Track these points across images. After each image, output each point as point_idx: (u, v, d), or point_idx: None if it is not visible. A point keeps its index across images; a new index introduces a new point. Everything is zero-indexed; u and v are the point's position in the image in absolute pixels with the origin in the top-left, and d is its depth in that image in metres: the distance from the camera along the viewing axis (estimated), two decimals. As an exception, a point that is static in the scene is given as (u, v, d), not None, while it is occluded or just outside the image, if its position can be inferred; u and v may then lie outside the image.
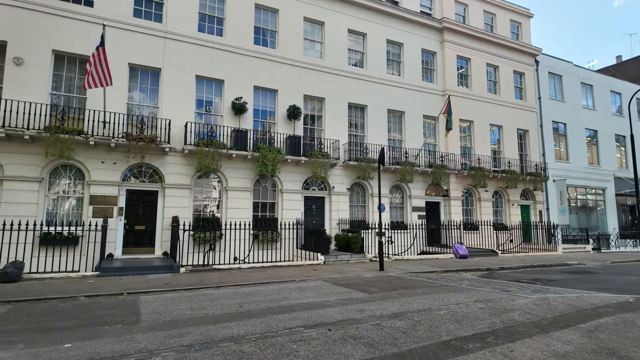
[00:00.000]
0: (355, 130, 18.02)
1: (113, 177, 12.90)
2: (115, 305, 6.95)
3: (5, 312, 6.41)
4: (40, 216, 11.92)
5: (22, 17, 12.19)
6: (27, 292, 8.08)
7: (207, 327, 5.43)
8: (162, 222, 13.64)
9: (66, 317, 6.07)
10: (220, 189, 14.85)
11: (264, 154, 14.46)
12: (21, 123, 11.55)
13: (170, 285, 8.99)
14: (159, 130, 13.42)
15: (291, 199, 15.82)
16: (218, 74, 14.98)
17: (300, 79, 16.58)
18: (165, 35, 14.15)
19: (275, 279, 10.06)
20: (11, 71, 11.99)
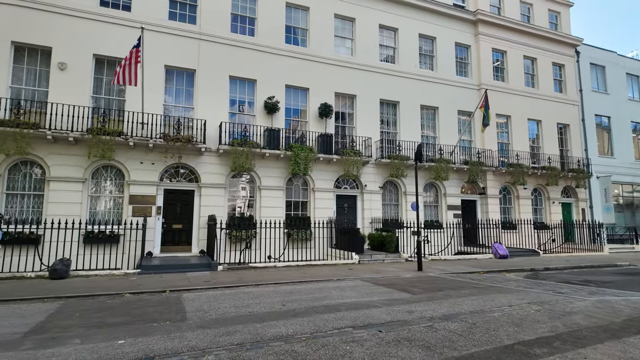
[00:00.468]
0: (387, 127, 17.70)
1: (151, 177, 13.20)
2: (161, 303, 7.02)
3: (59, 308, 6.60)
4: (83, 215, 12.35)
5: (65, 23, 12.66)
6: (76, 288, 8.33)
7: (254, 325, 5.37)
8: (198, 220, 13.84)
9: (116, 314, 6.18)
10: (253, 188, 14.92)
11: (297, 153, 14.41)
12: (66, 125, 12.00)
13: (210, 283, 9.06)
14: (195, 131, 13.63)
15: (323, 198, 15.71)
16: (251, 74, 15.06)
17: (331, 77, 16.43)
18: (199, 37, 14.35)
19: (312, 277, 9.96)
20: (56, 76, 12.47)
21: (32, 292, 7.86)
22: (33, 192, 12.07)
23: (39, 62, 12.52)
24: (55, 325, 5.46)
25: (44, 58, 12.55)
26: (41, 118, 12.01)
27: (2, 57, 11.90)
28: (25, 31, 12.21)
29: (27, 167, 12.08)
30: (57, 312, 6.27)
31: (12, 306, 6.76)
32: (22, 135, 11.09)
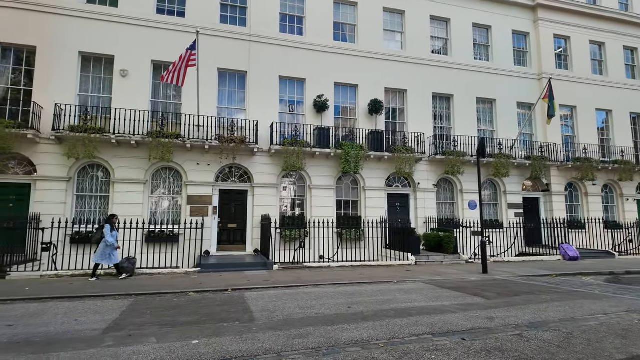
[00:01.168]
0: (441, 122, 16.93)
1: (207, 177, 13.49)
2: (226, 302, 7.02)
3: (130, 305, 6.79)
4: (145, 216, 12.84)
5: (126, 32, 13.25)
6: (143, 286, 8.59)
7: (325, 328, 5.15)
8: (252, 220, 13.97)
9: (185, 312, 6.22)
10: (303, 188, 14.83)
11: (347, 151, 14.13)
12: (128, 129, 12.54)
13: (269, 283, 9.01)
14: (247, 132, 13.76)
15: (374, 197, 15.30)
16: (300, 73, 14.99)
17: (380, 72, 15.98)
18: (249, 39, 14.49)
19: (369, 279, 9.63)
20: (118, 82, 13.09)
21: (104, 289, 8.19)
22: (100, 194, 12.73)
23: (103, 70, 13.20)
24: (130, 323, 5.56)
25: (107, 66, 13.22)
26: (106, 123, 12.65)
27: (71, 67, 12.67)
28: (91, 41, 12.91)
29: (94, 170, 12.77)
30: (130, 310, 6.43)
31: (87, 302, 7.05)
32: (90, 140, 11.72)
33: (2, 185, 11.98)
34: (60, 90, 12.41)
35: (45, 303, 6.96)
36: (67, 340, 4.77)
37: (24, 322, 5.65)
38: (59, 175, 12.08)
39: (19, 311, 6.31)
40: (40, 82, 12.33)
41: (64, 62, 12.57)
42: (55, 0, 12.69)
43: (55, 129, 11.75)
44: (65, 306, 6.68)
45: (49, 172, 12.01)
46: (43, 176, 11.96)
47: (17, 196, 12.03)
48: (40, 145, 12.02)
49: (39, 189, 11.93)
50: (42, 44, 12.44)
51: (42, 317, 5.90)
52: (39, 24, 12.46)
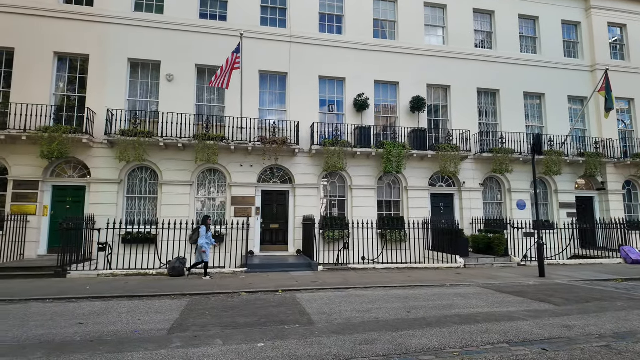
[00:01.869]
0: (486, 119, 16.27)
1: (250, 179, 13.62)
2: (280, 303, 6.98)
3: (188, 305, 6.88)
4: (192, 216, 13.12)
5: (171, 37, 13.61)
6: (195, 286, 8.73)
7: (390, 334, 4.96)
8: (293, 221, 13.97)
9: (243, 314, 6.22)
10: (344, 188, 14.66)
11: (389, 150, 13.84)
12: (174, 133, 12.87)
13: (317, 284, 8.91)
14: (288, 133, 13.78)
15: (416, 197, 14.90)
16: (339, 73, 14.85)
17: (422, 68, 15.56)
18: (290, 40, 14.51)
19: (420, 282, 9.33)
20: (164, 87, 13.47)
21: (159, 288, 8.38)
22: (148, 195, 13.14)
23: (150, 76, 13.62)
24: (193, 324, 5.61)
25: (154, 71, 13.63)
26: (153, 127, 13.04)
27: (121, 73, 13.16)
28: (139, 48, 13.36)
29: (143, 173, 13.20)
30: (188, 310, 6.50)
31: (146, 302, 7.22)
32: (140, 144, 12.11)
33: (59, 188, 12.61)
34: (111, 96, 12.91)
35: (107, 302, 7.19)
36: (136, 340, 4.85)
37: (93, 320, 5.83)
38: (111, 177, 12.58)
39: (85, 309, 6.54)
40: (93, 89, 12.89)
41: (114, 69, 13.08)
42: (106, 10, 13.22)
43: (108, 133, 12.23)
44: (126, 305, 6.87)
45: (101, 175, 12.53)
46: (97, 179, 12.49)
47: (73, 198, 12.63)
48: (94, 149, 12.55)
49: (93, 191, 12.47)
50: (95, 52, 13.00)
51: (108, 316, 6.07)
52: (92, 33, 13.02)
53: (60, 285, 8.66)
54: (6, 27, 12.46)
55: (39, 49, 12.60)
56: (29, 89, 12.37)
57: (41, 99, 12.39)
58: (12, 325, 5.49)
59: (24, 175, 12.07)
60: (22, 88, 12.36)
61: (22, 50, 12.52)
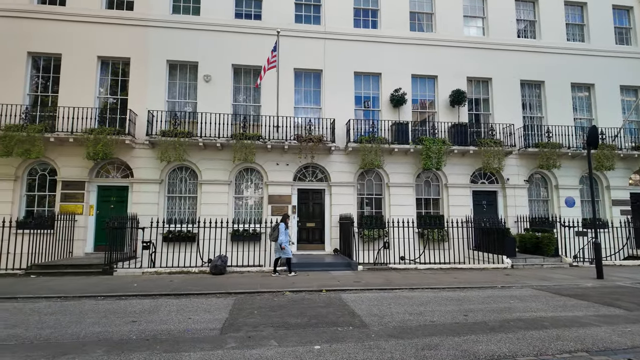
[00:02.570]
0: (530, 112, 15.47)
1: (286, 177, 13.56)
2: (327, 304, 6.80)
3: (235, 304, 6.83)
4: (230, 215, 13.20)
5: (208, 38, 13.75)
6: (239, 284, 8.71)
7: (452, 339, 4.67)
8: (329, 219, 13.80)
9: (292, 313, 6.09)
10: (381, 186, 14.34)
11: (428, 146, 13.39)
12: (213, 132, 12.99)
13: (360, 284, 8.68)
14: (323, 130, 13.62)
15: (457, 194, 14.36)
16: (375, 68, 14.53)
17: (461, 61, 14.98)
18: (324, 36, 14.33)
19: (467, 283, 8.91)
20: (202, 88, 13.62)
21: (204, 286, 8.41)
22: (188, 195, 13.33)
23: (188, 77, 13.82)
24: (244, 323, 5.52)
25: (192, 72, 13.81)
26: (192, 127, 13.22)
27: (160, 75, 13.42)
28: (177, 50, 13.58)
29: (183, 172, 13.40)
30: (236, 309, 6.44)
31: (193, 300, 7.24)
32: (180, 144, 12.29)
33: (104, 188, 13.01)
34: (151, 98, 13.19)
35: (155, 299, 7.26)
36: (190, 339, 4.80)
37: (145, 318, 5.86)
38: (153, 177, 12.85)
39: (136, 307, 6.61)
40: (134, 91, 13.21)
41: (154, 71, 13.35)
42: (145, 14, 13.51)
43: (149, 134, 12.49)
44: (174, 303, 6.90)
45: (143, 175, 12.81)
46: (139, 179, 12.79)
47: (117, 198, 13.00)
48: (136, 149, 12.86)
49: (135, 190, 12.78)
50: (135, 55, 13.32)
51: (159, 314, 6.10)
52: (132, 37, 13.35)
53: (108, 283, 8.88)
54: (54, 34, 12.97)
55: (83, 54, 13.05)
56: (75, 93, 12.83)
57: (86, 102, 12.82)
58: (70, 322, 5.60)
59: (72, 176, 12.53)
60: (69, 92, 12.84)
61: (68, 56, 13.00)
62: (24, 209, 12.58)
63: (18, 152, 11.64)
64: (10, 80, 12.64)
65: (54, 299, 7.31)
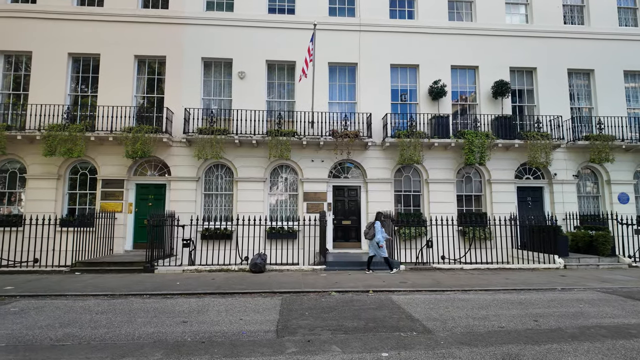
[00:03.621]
0: (578, 103, 14.55)
1: (322, 174, 13.28)
2: (379, 305, 6.46)
3: (283, 304, 6.59)
4: (265, 212, 13.05)
5: (242, 34, 13.62)
6: (281, 283, 8.49)
7: (532, 347, 4.25)
8: (366, 217, 13.43)
9: (345, 316, 5.79)
10: (419, 182, 13.84)
11: (470, 140, 12.79)
12: (248, 129, 12.86)
13: (407, 285, 8.30)
14: (359, 125, 13.25)
15: (501, 191, 13.67)
16: (412, 59, 14.02)
17: (503, 50, 14.24)
18: (359, 29, 13.93)
19: (523, 284, 8.36)
20: (236, 85, 13.51)
21: (247, 285, 8.24)
22: (224, 192, 13.27)
23: (222, 74, 13.74)
24: (298, 326, 5.27)
25: (227, 69, 13.73)
26: (227, 124, 13.14)
27: (195, 73, 13.39)
28: (211, 47, 13.52)
29: (219, 170, 13.35)
30: (286, 309, 6.20)
31: (239, 299, 7.06)
32: (217, 141, 12.22)
33: (142, 186, 13.13)
34: (187, 96, 13.19)
35: (201, 298, 7.13)
36: (247, 342, 4.58)
37: (195, 318, 5.71)
38: (189, 175, 12.85)
39: (183, 306, 6.48)
40: (170, 89, 13.24)
41: (189, 68, 13.34)
42: (180, 12, 13.52)
43: (186, 132, 12.48)
44: (221, 303, 6.74)
45: (180, 173, 12.84)
46: (176, 177, 12.82)
47: (154, 195, 13.08)
48: (173, 147, 12.90)
49: (173, 188, 12.82)
50: (171, 54, 13.35)
51: (208, 314, 5.93)
52: (167, 35, 13.38)
53: (151, 281, 8.85)
54: (93, 35, 13.16)
55: (121, 54, 13.18)
56: (113, 92, 12.98)
57: (124, 100, 12.95)
58: (122, 321, 5.51)
59: (111, 175, 12.70)
60: (107, 91, 13.00)
61: (107, 56, 13.17)
62: (66, 207, 12.85)
63: (61, 151, 11.87)
64: (53, 81, 12.92)
65: (102, 296, 7.30)
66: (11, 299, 7.09)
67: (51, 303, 6.70)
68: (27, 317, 5.76)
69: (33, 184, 12.53)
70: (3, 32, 13.03)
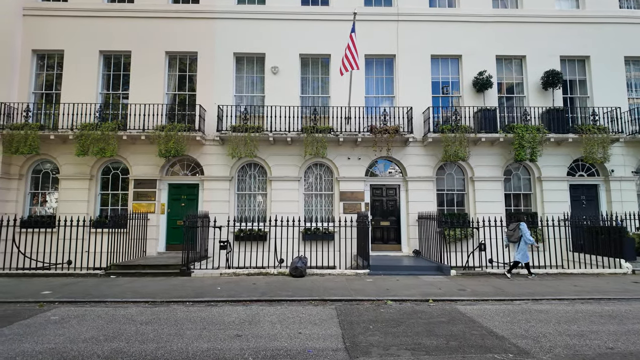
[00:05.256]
0: (636, 93, 13.41)
1: (358, 172, 12.63)
2: (450, 318, 5.76)
3: (339, 315, 5.97)
4: (300, 213, 12.48)
5: (275, 28, 13.08)
6: (327, 289, 7.87)
7: (671, 379, 3.48)
8: (406, 217, 12.70)
9: (417, 331, 5.12)
10: (463, 180, 13.00)
11: (521, 134, 11.89)
12: (282, 127, 12.32)
13: (468, 293, 7.55)
14: (397, 120, 12.53)
15: (553, 189, 12.70)
16: (454, 50, 13.19)
17: (553, 38, 13.24)
18: (397, 18, 13.19)
19: (596, 292, 7.53)
20: (269, 80, 12.98)
21: (292, 291, 7.66)
22: (258, 192, 12.77)
23: (255, 70, 13.25)
24: (369, 343, 4.63)
25: (259, 64, 13.22)
26: (260, 121, 12.63)
27: (227, 68, 12.93)
28: (243, 42, 13.03)
29: (252, 169, 12.86)
30: (345, 322, 5.58)
31: (289, 308, 6.48)
32: (251, 139, 11.72)
33: (174, 186, 12.76)
34: (219, 92, 12.75)
35: (248, 307, 6.59)
36: (319, 364, 3.98)
37: (248, 330, 5.15)
38: (223, 174, 12.40)
39: (231, 316, 5.95)
40: (202, 86, 12.82)
41: (221, 64, 12.90)
42: (211, 6, 13.09)
43: (219, 130, 12.03)
44: (270, 312, 6.18)
45: (214, 172, 12.41)
46: (209, 176, 12.39)
47: (187, 196, 12.69)
48: (205, 146, 12.48)
49: (206, 188, 12.40)
50: (202, 49, 12.93)
51: (262, 326, 5.37)
52: (199, 30, 12.97)
53: (190, 285, 8.38)
54: (124, 32, 12.87)
55: (152, 50, 12.85)
56: (144, 90, 12.65)
57: (155, 98, 12.60)
58: (170, 334, 5.00)
59: (143, 174, 12.38)
60: (138, 89, 12.69)
61: (137, 53, 12.86)
62: (99, 208, 12.60)
63: (93, 151, 11.60)
64: (84, 79, 12.69)
65: (143, 303, 6.85)
66: (50, 305, 6.72)
67: (92, 311, 6.28)
68: (69, 327, 5.32)
69: (66, 185, 12.32)
70: (34, 32, 12.87)
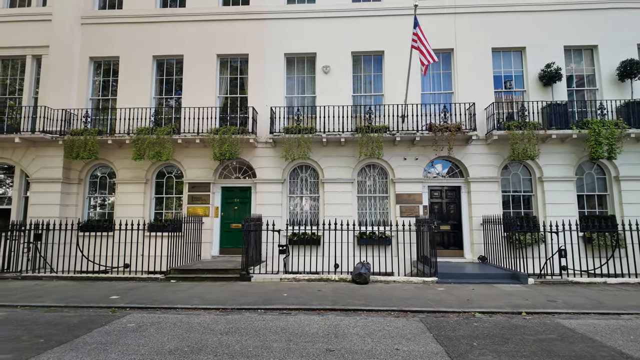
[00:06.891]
0: None
1: (415, 173, 12.00)
2: (561, 335, 5.08)
3: (431, 330, 5.43)
4: (354, 216, 12.02)
5: (325, 26, 12.73)
6: (401, 299, 7.34)
7: None
8: (468, 221, 11.93)
9: (534, 351, 4.48)
10: (530, 180, 12.08)
11: (597, 130, 10.87)
12: (334, 127, 11.94)
13: (560, 305, 6.79)
14: (458, 117, 11.81)
15: (633, 189, 11.55)
16: (517, 42, 12.33)
17: (628, 24, 12.08)
18: (454, 11, 12.51)
19: None
20: (320, 80, 12.62)
21: (365, 300, 7.19)
22: (309, 195, 12.42)
23: (305, 70, 12.95)
24: (484, 364, 4.08)
25: (309, 64, 12.91)
26: (312, 122, 12.29)
27: (278, 69, 12.70)
28: (293, 42, 12.76)
29: (303, 171, 12.53)
30: (442, 337, 5.03)
31: (370, 319, 6.02)
32: (304, 140, 11.38)
33: (227, 190, 12.63)
34: (270, 94, 12.54)
35: (323, 316, 6.18)
36: (440, 389, 3.47)
37: (337, 344, 4.72)
38: (275, 177, 12.15)
39: (312, 326, 5.55)
40: (253, 88, 12.65)
41: (271, 65, 12.69)
42: (261, 6, 12.93)
43: (272, 132, 11.78)
44: (351, 323, 5.73)
45: (266, 175, 12.18)
46: (262, 179, 12.17)
47: (240, 199, 12.53)
48: (258, 149, 12.28)
49: (259, 191, 12.18)
50: (253, 51, 12.78)
51: (350, 340, 4.93)
52: (249, 32, 12.83)
53: (253, 291, 8.09)
54: (176, 36, 12.94)
55: (204, 54, 12.83)
56: (197, 93, 12.65)
57: (207, 101, 12.55)
58: (257, 347, 4.64)
59: (197, 178, 12.33)
60: (191, 92, 12.70)
61: (189, 56, 12.88)
62: (154, 211, 12.67)
63: (149, 155, 11.65)
64: (139, 84, 12.83)
65: (213, 310, 6.60)
66: (122, 311, 6.59)
67: (165, 318, 6.07)
68: (149, 336, 5.10)
69: (122, 189, 12.47)
70: (91, 39, 13.17)
